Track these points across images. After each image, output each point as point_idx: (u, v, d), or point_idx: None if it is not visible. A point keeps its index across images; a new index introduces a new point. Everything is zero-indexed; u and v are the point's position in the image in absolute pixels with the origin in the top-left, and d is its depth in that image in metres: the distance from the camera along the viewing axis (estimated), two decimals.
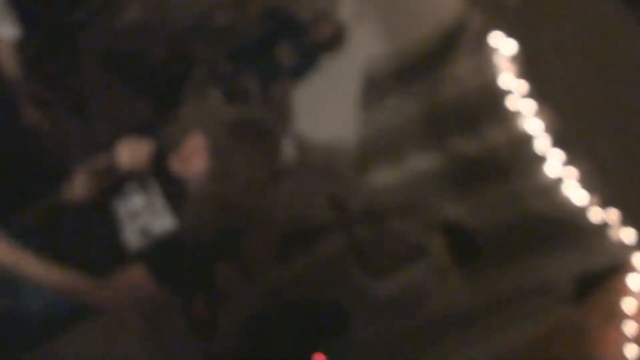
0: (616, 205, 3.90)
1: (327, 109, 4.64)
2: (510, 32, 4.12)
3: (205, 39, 4.34)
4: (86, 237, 1.77)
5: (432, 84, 4.37)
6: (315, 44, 4.37)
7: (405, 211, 4.29)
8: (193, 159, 1.72)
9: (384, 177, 4.42)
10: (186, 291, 3.64)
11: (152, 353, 3.35)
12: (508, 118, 4.20)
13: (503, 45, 4.12)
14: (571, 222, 4.02)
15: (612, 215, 3.91)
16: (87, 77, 3.91)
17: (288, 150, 4.55)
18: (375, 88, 4.54)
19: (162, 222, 1.79)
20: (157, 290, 1.76)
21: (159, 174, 1.80)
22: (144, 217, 1.77)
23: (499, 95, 4.19)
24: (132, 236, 1.77)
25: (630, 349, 3.88)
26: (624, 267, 3.92)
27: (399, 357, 4.25)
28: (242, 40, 4.38)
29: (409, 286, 3.58)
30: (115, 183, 1.78)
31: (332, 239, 4.22)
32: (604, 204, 3.94)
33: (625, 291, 3.89)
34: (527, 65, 4.09)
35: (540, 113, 4.11)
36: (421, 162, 4.36)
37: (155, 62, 4.22)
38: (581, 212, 4.00)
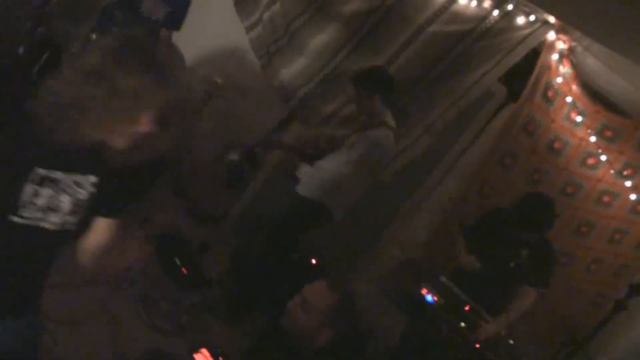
0: None
1: (214, 34, 4.62)
2: None
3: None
4: None
5: None
6: None
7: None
8: None
9: (293, 68, 4.41)
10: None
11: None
12: None
13: None
14: (480, 29, 4.03)
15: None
16: None
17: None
18: None
19: None
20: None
21: None
22: None
23: None
24: None
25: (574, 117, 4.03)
26: (542, 48, 3.98)
27: None
28: None
29: None
30: None
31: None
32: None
33: (551, 69, 3.98)
34: None
35: None
36: (322, 38, 4.33)
37: None
38: (485, 15, 4.01)
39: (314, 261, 4.09)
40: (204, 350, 3.04)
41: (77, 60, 1.54)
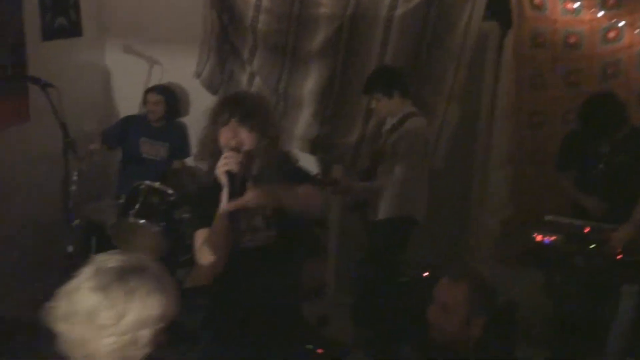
0: None
1: None
2: None
3: None
4: None
5: None
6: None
7: None
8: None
9: (302, 122, 4.43)
10: None
11: None
12: None
13: None
14: None
15: None
16: None
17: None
18: None
19: None
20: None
21: None
22: None
23: None
24: None
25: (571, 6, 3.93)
26: None
27: None
28: None
29: None
30: None
31: None
32: None
33: None
34: None
35: None
36: (311, 83, 4.36)
37: None
38: None
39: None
40: None
41: None
